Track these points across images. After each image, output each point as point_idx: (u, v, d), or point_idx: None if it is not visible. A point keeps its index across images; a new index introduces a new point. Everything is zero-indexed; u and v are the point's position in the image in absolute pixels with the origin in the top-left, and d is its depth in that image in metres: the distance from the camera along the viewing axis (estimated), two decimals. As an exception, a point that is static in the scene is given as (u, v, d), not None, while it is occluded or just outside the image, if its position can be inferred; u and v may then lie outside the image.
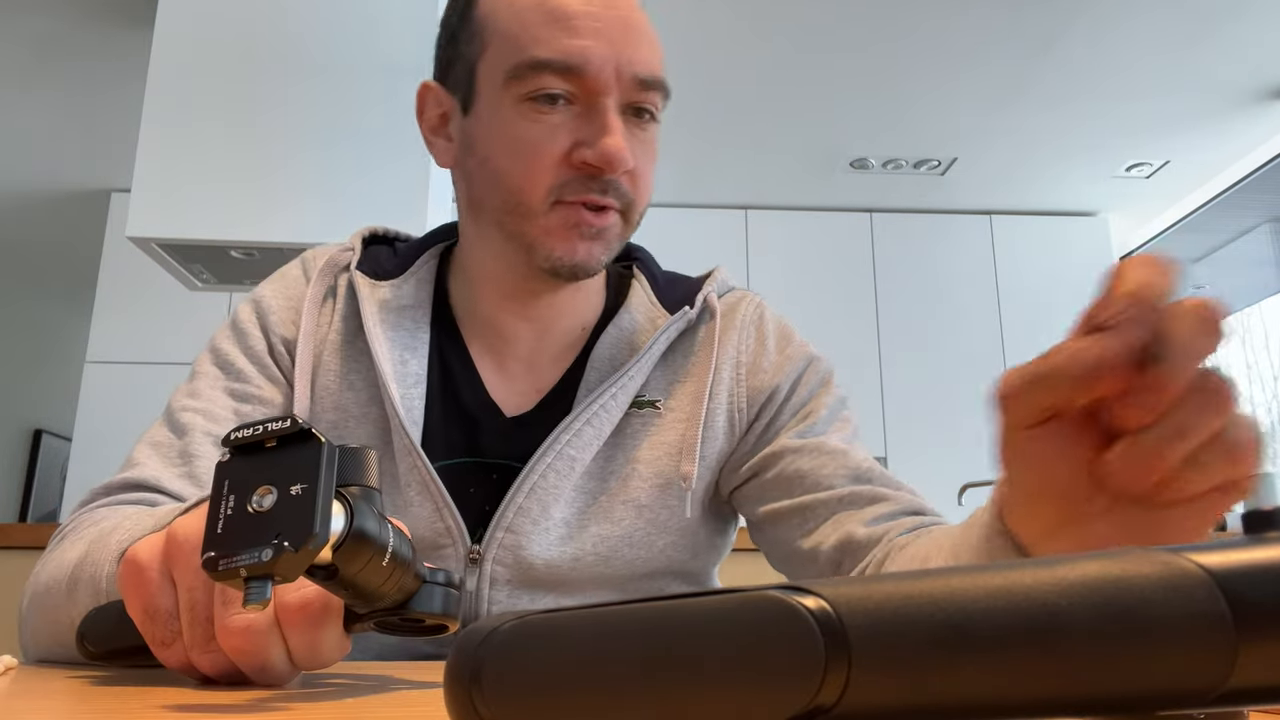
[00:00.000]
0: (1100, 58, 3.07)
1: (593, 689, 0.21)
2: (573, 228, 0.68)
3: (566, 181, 0.67)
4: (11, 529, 1.89)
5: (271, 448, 0.33)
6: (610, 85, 0.67)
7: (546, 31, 0.67)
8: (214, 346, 0.76)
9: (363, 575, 0.34)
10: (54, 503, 5.24)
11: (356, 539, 0.33)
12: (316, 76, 2.26)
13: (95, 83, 3.18)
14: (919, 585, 0.19)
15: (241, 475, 0.32)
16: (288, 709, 0.34)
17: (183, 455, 0.69)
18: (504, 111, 0.68)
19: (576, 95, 0.67)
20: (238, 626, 0.39)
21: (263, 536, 0.31)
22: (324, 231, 2.20)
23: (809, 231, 4.20)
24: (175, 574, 0.41)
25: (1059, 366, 0.33)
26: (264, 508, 0.31)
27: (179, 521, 0.42)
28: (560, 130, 0.67)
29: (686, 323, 0.76)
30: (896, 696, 0.18)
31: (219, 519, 0.32)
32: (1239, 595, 0.18)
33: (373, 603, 0.37)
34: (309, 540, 0.30)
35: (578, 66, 0.66)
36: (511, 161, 0.68)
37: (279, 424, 0.33)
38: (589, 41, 0.66)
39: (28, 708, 0.35)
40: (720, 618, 0.20)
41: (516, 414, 0.74)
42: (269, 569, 0.30)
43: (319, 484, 0.31)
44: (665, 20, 2.92)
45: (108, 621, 0.45)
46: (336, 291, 0.77)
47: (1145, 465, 0.33)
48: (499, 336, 0.76)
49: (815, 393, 0.77)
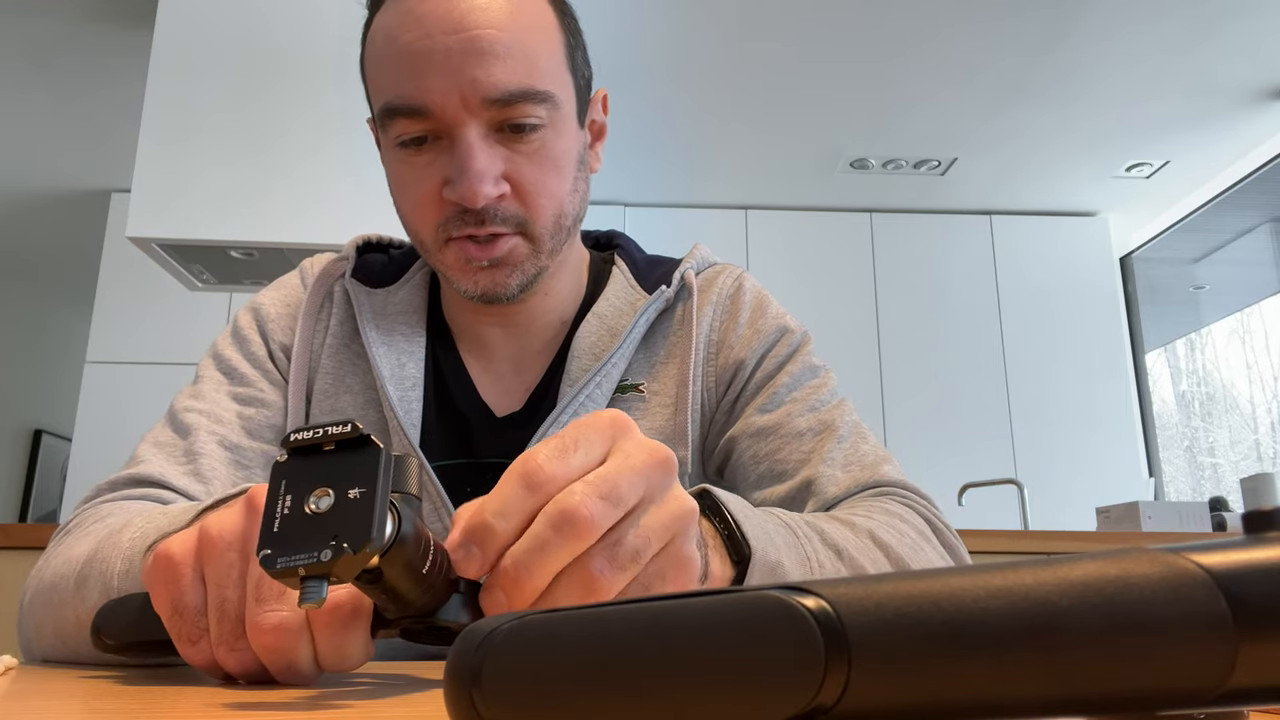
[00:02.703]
0: (1100, 58, 3.07)
1: (593, 689, 0.21)
2: (466, 263, 0.69)
3: (447, 218, 0.68)
4: (11, 529, 1.89)
5: (330, 451, 0.34)
6: (460, 116, 0.65)
7: (392, 75, 0.66)
8: (216, 352, 0.77)
9: (403, 581, 0.35)
10: (54, 503, 5.24)
11: (402, 545, 0.34)
12: (316, 76, 2.26)
13: (95, 83, 3.18)
14: (919, 585, 0.19)
15: (299, 476, 0.33)
16: (286, 708, 0.34)
17: (187, 454, 0.69)
18: (388, 154, 0.70)
19: (438, 130, 0.66)
20: (269, 624, 0.39)
21: (320, 537, 0.31)
22: (324, 232, 2.20)
23: (809, 231, 4.20)
24: (207, 571, 0.41)
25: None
26: (321, 509, 0.32)
27: (211, 518, 0.42)
28: (429, 169, 0.67)
29: (665, 302, 0.76)
30: (896, 696, 0.18)
31: (275, 518, 0.32)
32: (1239, 595, 0.18)
33: (405, 608, 0.37)
34: (367, 543, 0.31)
35: (421, 108, 0.65)
36: (402, 202, 0.71)
37: (339, 428, 0.34)
38: (428, 80, 0.64)
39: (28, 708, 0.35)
40: (720, 617, 0.20)
41: (507, 414, 0.75)
42: (328, 569, 0.31)
43: (377, 489, 0.32)
44: (665, 20, 2.93)
45: (127, 614, 0.45)
46: (333, 298, 0.78)
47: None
48: (480, 341, 0.77)
49: (783, 364, 0.75)
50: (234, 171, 2.20)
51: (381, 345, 0.74)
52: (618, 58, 3.07)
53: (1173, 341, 4.54)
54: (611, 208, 4.07)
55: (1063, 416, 4.03)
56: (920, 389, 4.03)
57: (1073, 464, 3.97)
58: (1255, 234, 4.01)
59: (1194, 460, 4.46)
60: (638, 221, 4.05)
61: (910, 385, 4.04)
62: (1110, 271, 4.24)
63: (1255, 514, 0.19)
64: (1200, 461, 4.45)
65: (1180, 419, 4.49)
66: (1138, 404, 4.21)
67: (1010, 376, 4.07)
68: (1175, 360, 4.57)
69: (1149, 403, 4.27)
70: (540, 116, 0.67)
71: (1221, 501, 2.80)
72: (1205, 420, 4.45)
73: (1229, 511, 2.62)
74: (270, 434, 0.73)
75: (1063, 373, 4.08)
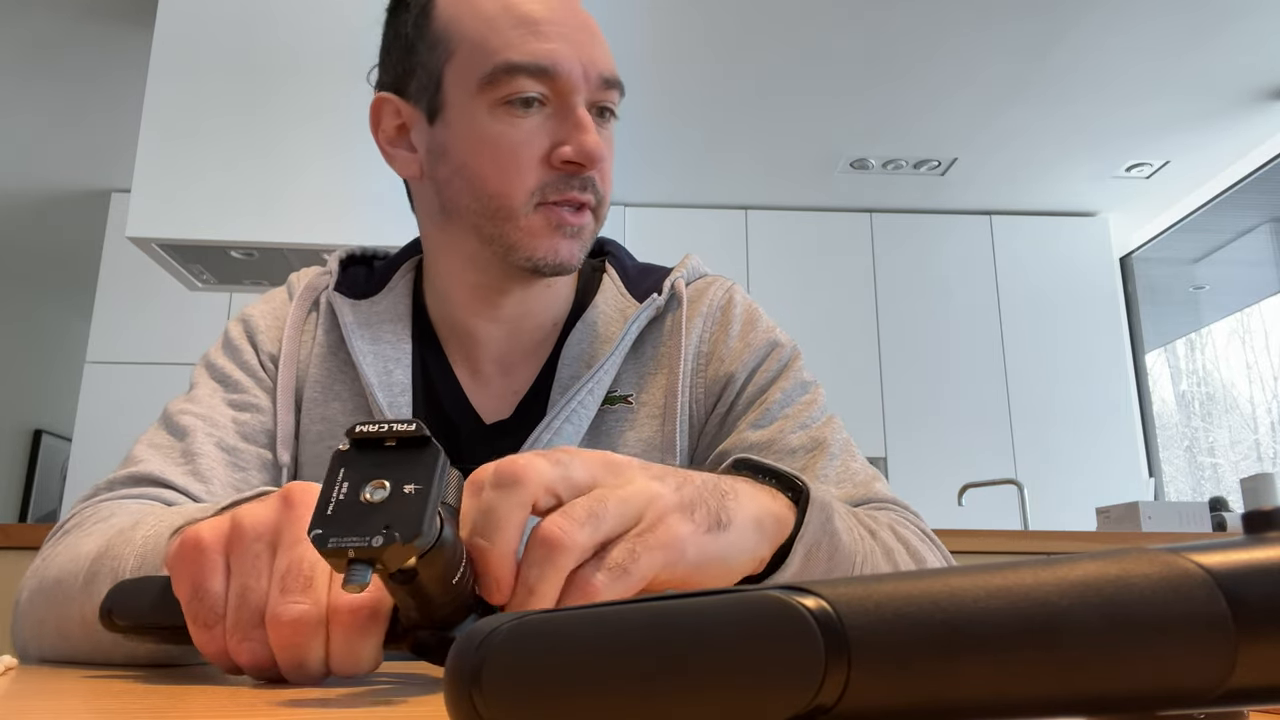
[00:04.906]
0: (1100, 58, 3.07)
1: (592, 689, 0.21)
2: (556, 229, 0.69)
3: (548, 182, 0.69)
4: (11, 529, 1.89)
5: (390, 446, 0.34)
6: (579, 85, 0.69)
7: (516, 36, 0.69)
8: (208, 362, 0.78)
9: (434, 585, 0.36)
10: (54, 503, 5.24)
11: (441, 548, 0.35)
12: (317, 76, 2.26)
13: (95, 83, 3.18)
14: (919, 585, 0.19)
15: (358, 466, 0.34)
16: (288, 709, 0.34)
17: (185, 454, 0.70)
18: (479, 117, 0.69)
19: (549, 97, 0.69)
20: (290, 616, 0.39)
21: (372, 525, 0.32)
22: (324, 232, 2.20)
23: (809, 231, 4.19)
24: (233, 559, 0.42)
25: None
26: (375, 500, 0.33)
27: (245, 509, 0.42)
28: (538, 132, 0.69)
29: (655, 310, 0.76)
30: (896, 696, 0.18)
31: (330, 501, 0.33)
32: (1239, 595, 0.18)
33: (427, 616, 0.38)
34: (417, 536, 0.32)
35: (550, 69, 0.68)
36: (492, 166, 0.69)
37: (403, 425, 0.34)
38: (557, 45, 0.69)
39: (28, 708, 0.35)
40: (720, 618, 0.20)
41: (496, 420, 0.75)
42: (376, 554, 0.32)
43: (433, 487, 0.33)
44: (665, 20, 2.93)
45: (142, 596, 0.45)
46: (319, 308, 0.79)
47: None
48: (471, 340, 0.77)
49: (774, 379, 0.75)
50: (234, 172, 2.20)
51: (368, 354, 0.74)
52: (617, 57, 3.06)
53: (1173, 341, 4.54)
54: (612, 208, 4.06)
55: (1063, 416, 4.03)
56: (920, 389, 4.03)
57: (1073, 464, 3.96)
58: (1255, 234, 4.01)
59: (1194, 460, 4.46)
60: (638, 222, 4.05)
61: (910, 385, 4.04)
62: (1110, 271, 4.24)
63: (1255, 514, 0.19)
64: (1200, 461, 4.45)
65: (1180, 419, 4.49)
66: (1138, 404, 4.21)
67: (1010, 376, 4.07)
68: (1175, 360, 4.57)
69: (1149, 403, 4.27)
70: (617, 107, 0.73)
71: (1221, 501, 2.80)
72: (1205, 420, 4.45)
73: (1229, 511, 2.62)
74: (264, 438, 0.74)
75: (1063, 373, 4.08)
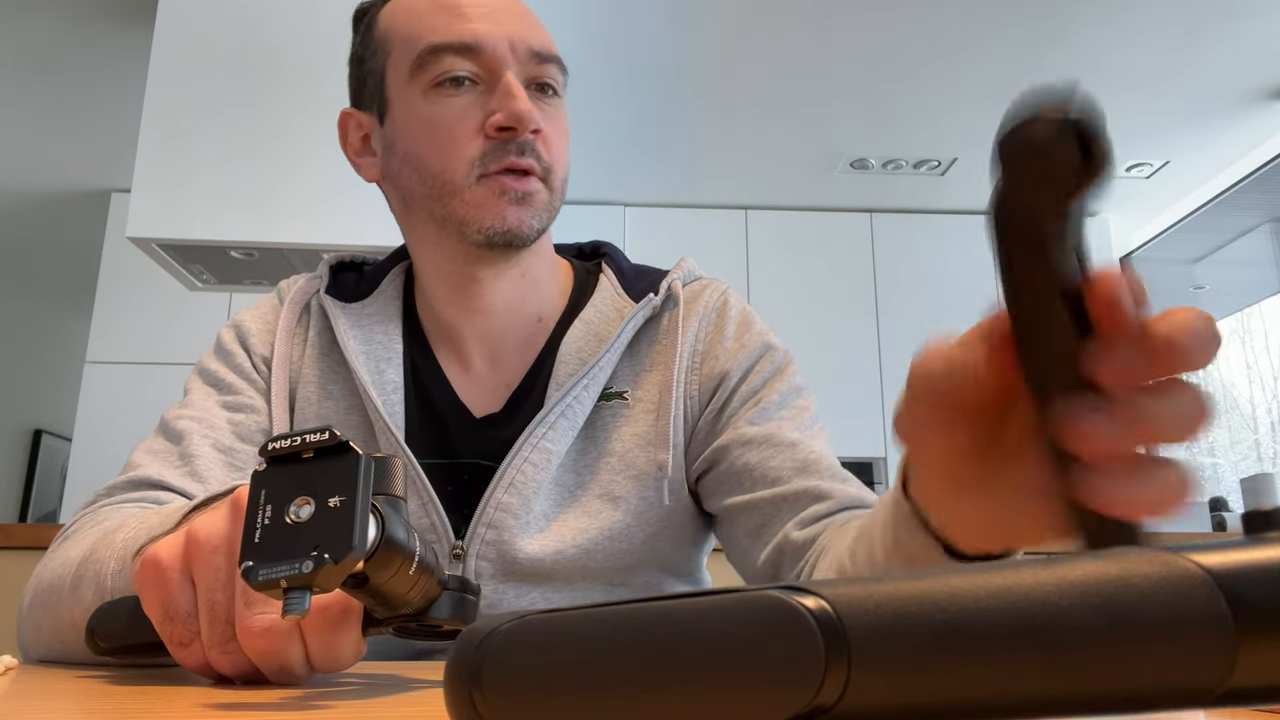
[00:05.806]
0: (1100, 58, 3.07)
1: (592, 689, 0.21)
2: (499, 196, 0.70)
3: (485, 152, 0.70)
4: (11, 529, 1.89)
5: (308, 459, 0.33)
6: (507, 59, 0.71)
7: (441, 20, 0.72)
8: (202, 368, 0.79)
9: (391, 583, 0.35)
10: (54, 503, 5.24)
11: (388, 549, 0.34)
12: (317, 77, 2.26)
13: (95, 83, 3.18)
14: (919, 585, 0.19)
15: (278, 485, 0.33)
16: (283, 709, 0.34)
17: (182, 457, 0.70)
18: (415, 104, 0.72)
19: (479, 75, 0.71)
20: (259, 628, 0.39)
21: (301, 547, 0.31)
22: (324, 232, 2.20)
23: (809, 231, 4.19)
24: (195, 574, 0.41)
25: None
26: (301, 518, 0.32)
27: (198, 521, 0.42)
28: (471, 108, 0.71)
29: (652, 310, 0.77)
30: (896, 696, 0.18)
31: (256, 528, 0.32)
32: (1239, 595, 0.18)
33: (396, 609, 0.37)
34: (349, 553, 0.31)
35: (473, 45, 0.70)
36: (431, 146, 0.71)
37: (316, 435, 0.33)
38: (479, 24, 0.71)
39: (28, 708, 0.35)
40: (720, 618, 0.20)
41: (486, 414, 0.75)
42: (309, 580, 0.31)
43: (357, 497, 0.32)
44: (665, 20, 2.92)
45: (120, 618, 0.45)
46: (310, 310, 0.80)
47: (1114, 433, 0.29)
48: (456, 334, 0.77)
49: (768, 380, 0.77)
50: (234, 171, 2.20)
51: (361, 354, 0.75)
52: (617, 57, 3.06)
53: (1173, 341, 4.53)
54: (611, 208, 4.07)
55: (1063, 416, 4.02)
56: (920, 389, 4.02)
57: (1073, 464, 3.96)
58: (1255, 234, 4.01)
59: (1193, 460, 4.46)
60: (637, 222, 4.05)
61: (910, 385, 4.03)
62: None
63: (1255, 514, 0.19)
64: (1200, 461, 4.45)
65: (1180, 419, 4.48)
66: (1138, 404, 4.20)
67: (1010, 376, 4.07)
68: (1175, 360, 4.56)
69: (1149, 403, 4.26)
70: (559, 84, 0.75)
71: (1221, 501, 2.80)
72: (1205, 420, 4.44)
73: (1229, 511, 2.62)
74: (260, 438, 0.75)
75: (1063, 373, 4.08)
